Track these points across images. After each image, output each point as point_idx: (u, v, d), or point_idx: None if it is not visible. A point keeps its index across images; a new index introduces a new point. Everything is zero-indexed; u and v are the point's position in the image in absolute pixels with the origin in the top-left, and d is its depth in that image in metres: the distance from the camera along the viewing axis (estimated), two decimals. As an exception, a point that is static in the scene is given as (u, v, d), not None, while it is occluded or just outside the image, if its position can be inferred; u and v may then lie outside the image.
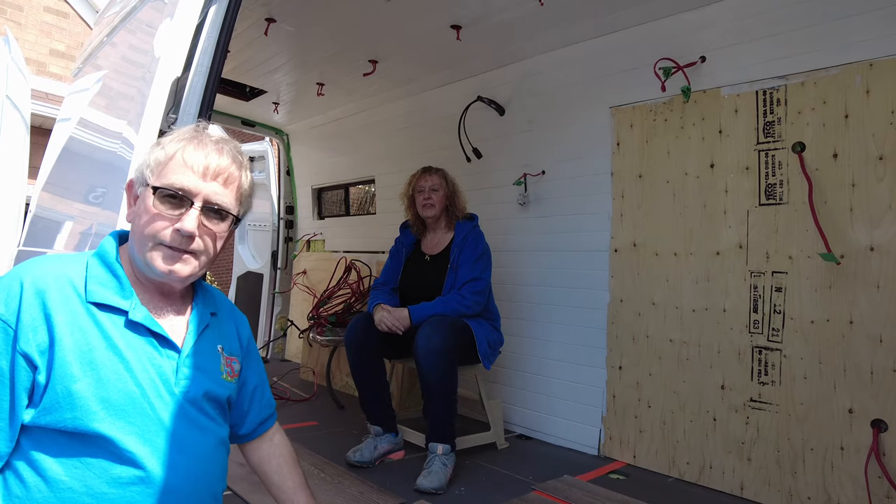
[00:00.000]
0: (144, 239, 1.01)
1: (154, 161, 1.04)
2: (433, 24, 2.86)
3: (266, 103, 4.36)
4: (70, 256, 1.05)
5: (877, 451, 1.93)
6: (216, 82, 1.44)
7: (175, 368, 1.03)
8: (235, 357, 1.17)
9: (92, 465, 0.92)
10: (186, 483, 1.00)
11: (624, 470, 2.56)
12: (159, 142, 1.08)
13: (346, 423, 3.09)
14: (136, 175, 1.06)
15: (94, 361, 0.94)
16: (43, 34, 6.62)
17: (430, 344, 2.33)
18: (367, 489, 2.20)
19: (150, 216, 1.00)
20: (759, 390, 2.26)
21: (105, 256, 1.03)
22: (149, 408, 0.97)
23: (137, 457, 0.94)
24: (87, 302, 0.97)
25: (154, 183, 1.01)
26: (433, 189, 2.75)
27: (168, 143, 1.06)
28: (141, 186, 1.05)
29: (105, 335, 0.96)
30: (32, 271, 0.96)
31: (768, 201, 2.27)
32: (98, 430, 0.91)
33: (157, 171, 1.03)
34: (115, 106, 1.98)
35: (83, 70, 2.76)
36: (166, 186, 1.00)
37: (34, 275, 0.95)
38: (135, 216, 1.04)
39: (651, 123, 2.67)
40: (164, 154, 1.04)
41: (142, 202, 1.02)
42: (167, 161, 1.03)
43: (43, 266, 0.98)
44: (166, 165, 1.02)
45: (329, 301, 3.98)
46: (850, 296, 2.05)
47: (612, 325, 2.77)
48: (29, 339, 0.90)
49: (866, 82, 2.03)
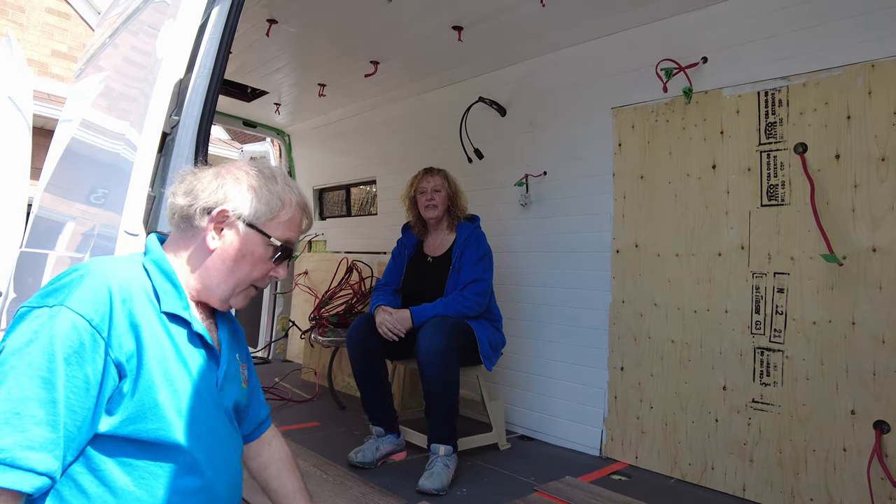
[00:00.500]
0: (245, 281, 1.07)
1: (273, 210, 1.06)
2: (435, 25, 2.86)
3: (267, 104, 4.36)
4: (125, 259, 1.03)
5: (879, 453, 1.93)
6: (219, 83, 1.44)
7: (218, 380, 1.06)
8: (245, 363, 1.20)
9: (160, 474, 0.92)
10: (228, 491, 1.04)
11: (626, 471, 2.56)
12: (269, 187, 1.07)
13: (348, 424, 3.09)
14: (238, 212, 1.04)
15: (170, 372, 0.94)
16: (45, 35, 6.63)
17: (432, 345, 2.33)
18: (368, 490, 2.20)
19: (261, 263, 1.07)
20: (761, 391, 2.26)
21: (161, 265, 1.02)
22: (208, 419, 1.00)
23: (201, 466, 0.96)
24: (162, 312, 0.97)
25: (275, 236, 1.06)
26: (435, 190, 2.75)
27: (281, 189, 1.08)
28: (244, 226, 1.04)
29: (175, 346, 0.97)
30: (114, 275, 0.93)
31: (770, 202, 2.27)
32: (176, 440, 0.92)
33: (274, 221, 1.06)
34: (117, 107, 1.98)
35: (85, 71, 2.77)
36: (286, 243, 1.08)
37: (118, 280, 0.92)
38: (234, 255, 1.04)
39: (652, 124, 2.67)
40: (279, 203, 1.07)
41: (249, 245, 1.05)
42: (282, 213, 1.07)
43: (118, 270, 0.95)
44: (282, 219, 1.07)
45: (330, 302, 3.98)
46: (852, 297, 2.04)
47: (613, 325, 2.77)
48: (122, 346, 0.89)
49: (868, 83, 2.02)
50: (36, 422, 0.79)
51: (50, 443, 0.80)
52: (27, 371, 0.81)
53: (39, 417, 0.80)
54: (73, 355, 0.83)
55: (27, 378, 0.80)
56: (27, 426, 0.79)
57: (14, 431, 0.78)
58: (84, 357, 0.84)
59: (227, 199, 1.04)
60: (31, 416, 0.79)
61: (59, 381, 0.82)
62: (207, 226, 1.04)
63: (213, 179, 1.06)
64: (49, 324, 0.84)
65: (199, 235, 1.05)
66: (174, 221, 1.06)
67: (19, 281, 2.63)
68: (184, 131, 1.37)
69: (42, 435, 0.80)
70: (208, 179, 1.06)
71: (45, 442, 0.80)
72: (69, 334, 0.84)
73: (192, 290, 1.06)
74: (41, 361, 0.82)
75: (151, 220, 1.33)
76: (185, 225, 1.05)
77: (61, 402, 0.82)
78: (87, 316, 0.86)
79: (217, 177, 1.06)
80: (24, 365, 0.81)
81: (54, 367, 0.82)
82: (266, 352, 4.98)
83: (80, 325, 0.85)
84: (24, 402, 0.79)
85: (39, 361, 0.82)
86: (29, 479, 0.79)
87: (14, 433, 0.78)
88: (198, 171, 1.09)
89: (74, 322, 0.85)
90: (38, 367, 0.81)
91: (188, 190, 1.05)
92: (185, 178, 1.08)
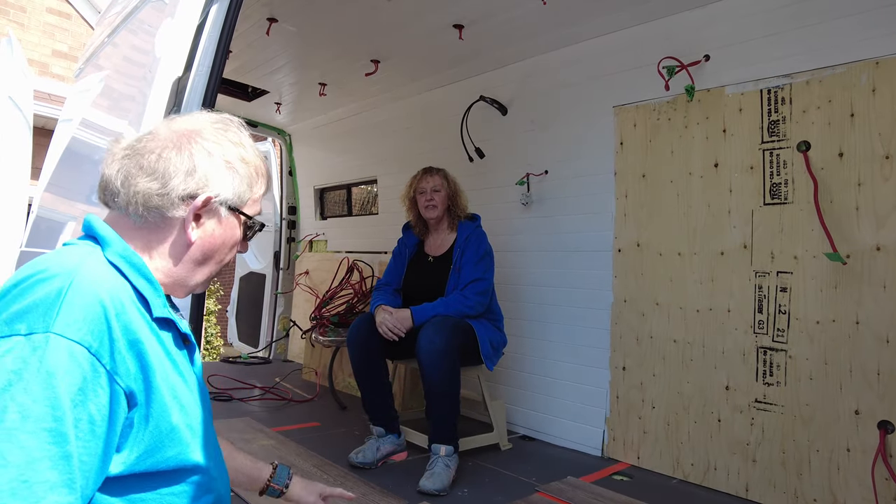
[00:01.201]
0: (217, 267, 0.94)
1: (247, 185, 0.93)
2: (435, 23, 2.85)
3: (268, 104, 4.36)
4: (86, 256, 0.81)
5: (884, 453, 1.91)
6: (217, 82, 1.43)
7: (198, 376, 0.94)
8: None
9: (173, 500, 0.80)
10: (226, 489, 0.96)
11: (628, 471, 2.55)
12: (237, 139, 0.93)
13: (349, 424, 3.08)
14: (223, 197, 0.90)
15: (173, 386, 0.81)
16: (46, 35, 6.63)
17: (433, 345, 2.32)
18: (369, 490, 2.19)
19: (235, 245, 0.96)
20: (764, 391, 2.24)
21: (132, 260, 0.84)
22: (207, 425, 0.88)
23: (214, 479, 0.87)
24: (153, 318, 0.83)
25: (251, 214, 0.95)
26: (435, 190, 2.74)
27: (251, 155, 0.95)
28: (226, 209, 0.91)
29: (168, 354, 0.83)
30: (100, 284, 0.75)
31: (773, 201, 2.26)
32: (195, 461, 0.81)
33: (252, 199, 0.95)
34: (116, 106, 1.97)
35: (85, 70, 2.76)
36: (258, 221, 0.97)
37: (106, 290, 0.75)
38: (216, 243, 0.92)
39: (654, 123, 2.65)
40: (255, 176, 0.94)
41: (230, 230, 0.93)
42: (256, 187, 0.95)
43: (98, 275, 0.77)
44: (258, 194, 0.96)
45: (331, 301, 3.97)
46: (856, 296, 2.03)
47: (615, 325, 2.76)
48: (128, 371, 0.74)
49: (872, 81, 2.01)
50: (50, 487, 0.63)
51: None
52: (24, 425, 0.63)
53: (53, 480, 0.64)
54: (77, 394, 0.67)
55: (27, 434, 0.63)
56: (41, 495, 0.63)
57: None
58: (86, 394, 0.68)
59: (207, 182, 0.88)
60: (43, 481, 0.63)
61: (70, 430, 0.66)
62: (188, 216, 0.87)
63: (179, 154, 0.87)
64: (35, 358, 0.66)
65: (173, 226, 0.88)
66: (133, 209, 0.85)
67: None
68: (182, 130, 1.36)
69: (59, 501, 0.64)
70: (173, 154, 0.86)
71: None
72: (70, 369, 0.67)
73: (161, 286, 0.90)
74: (42, 410, 0.64)
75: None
76: (153, 215, 0.86)
77: (75, 455, 0.66)
78: (84, 342, 0.69)
79: (180, 149, 0.87)
80: (17, 417, 0.63)
81: (61, 415, 0.65)
82: (267, 352, 4.98)
83: (80, 354, 0.68)
84: (32, 466, 0.62)
85: (40, 410, 0.64)
86: None
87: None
88: (143, 140, 0.89)
89: (72, 352, 0.68)
90: (38, 417, 0.64)
91: (151, 170, 0.85)
92: (138, 153, 0.86)
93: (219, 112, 0.98)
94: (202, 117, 0.95)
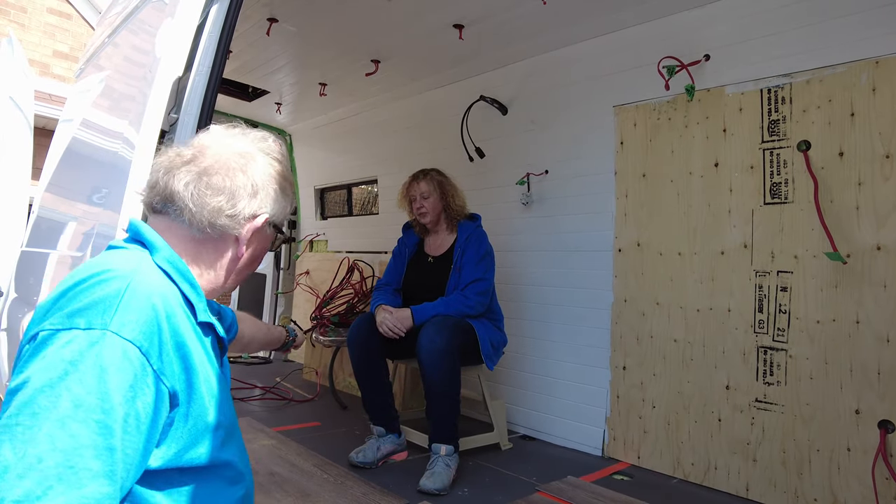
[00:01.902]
0: (248, 271, 1.03)
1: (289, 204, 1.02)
2: (435, 23, 2.85)
3: (268, 104, 4.36)
4: (140, 261, 0.86)
5: (884, 453, 1.91)
6: (217, 82, 1.43)
7: (228, 378, 1.02)
8: None
9: (208, 495, 0.85)
10: (252, 485, 1.00)
11: (628, 471, 2.55)
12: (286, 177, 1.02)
13: (349, 424, 3.08)
14: (274, 214, 0.99)
15: (212, 388, 0.86)
16: (46, 35, 6.63)
17: (433, 344, 2.32)
18: (369, 490, 2.19)
19: (264, 254, 1.05)
20: (764, 391, 2.24)
21: (178, 266, 0.89)
22: (235, 422, 0.95)
23: (243, 472, 0.93)
24: (198, 322, 0.88)
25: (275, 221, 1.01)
26: (423, 196, 2.72)
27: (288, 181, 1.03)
28: (270, 227, 1.00)
29: (208, 356, 0.88)
30: (154, 289, 0.80)
31: (773, 200, 2.26)
32: (226, 458, 0.86)
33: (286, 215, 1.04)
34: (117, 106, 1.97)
35: (85, 71, 2.77)
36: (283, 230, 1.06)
37: (159, 294, 0.80)
38: (255, 253, 1.01)
39: (655, 122, 2.65)
40: (291, 193, 1.04)
41: (264, 241, 1.02)
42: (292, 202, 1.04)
43: (152, 280, 0.82)
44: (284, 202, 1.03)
45: (332, 301, 3.97)
46: (856, 295, 2.03)
47: (615, 325, 2.76)
48: (173, 372, 0.78)
49: (872, 80, 2.01)
50: (92, 475, 0.66)
51: (107, 498, 0.67)
52: (76, 413, 0.66)
53: (96, 470, 0.66)
54: (127, 391, 0.71)
55: (77, 422, 0.66)
56: (83, 481, 0.65)
57: (69, 489, 0.64)
58: (135, 391, 0.72)
59: (266, 202, 0.97)
60: (87, 468, 0.66)
61: (117, 424, 0.69)
62: (246, 235, 0.95)
63: (244, 176, 0.94)
64: (92, 353, 0.70)
65: (229, 240, 0.96)
66: (197, 223, 0.91)
67: (20, 281, 2.63)
68: (183, 129, 1.36)
69: (99, 491, 0.66)
70: (239, 176, 0.94)
71: (102, 498, 0.67)
72: (122, 366, 0.71)
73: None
74: (93, 402, 0.67)
75: (149, 219, 1.32)
76: (216, 230, 0.92)
77: (119, 448, 0.69)
78: (136, 342, 0.73)
79: (245, 171, 0.94)
80: (70, 406, 0.66)
81: (110, 408, 0.69)
82: (267, 352, 4.98)
83: (132, 354, 0.72)
84: (78, 453, 0.65)
85: (91, 402, 0.67)
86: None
87: (69, 491, 0.64)
88: (200, 157, 0.94)
89: (125, 350, 0.72)
90: (89, 408, 0.67)
91: (219, 189, 0.91)
92: (205, 173, 0.92)
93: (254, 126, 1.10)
94: (249, 135, 1.02)
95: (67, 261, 1.93)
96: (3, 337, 2.49)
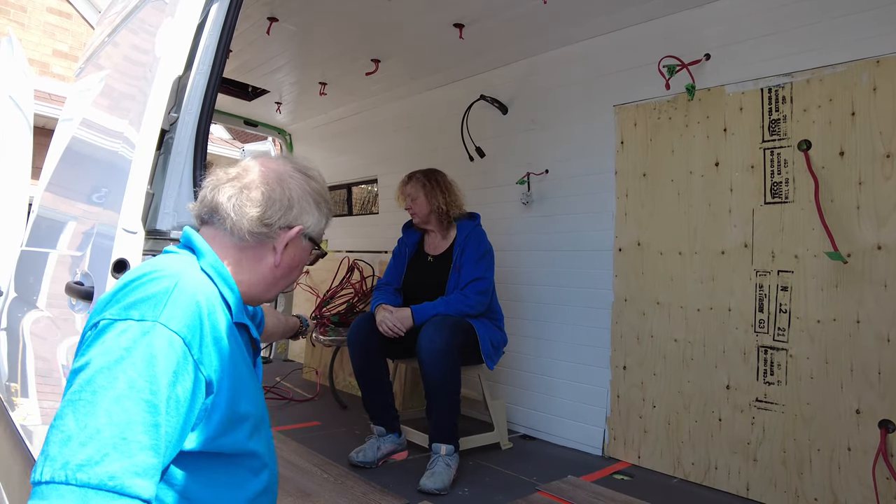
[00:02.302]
0: (286, 281, 1.10)
1: (325, 219, 1.12)
2: (436, 22, 2.85)
3: (268, 103, 4.35)
4: (189, 264, 0.98)
5: (884, 452, 1.91)
6: (218, 81, 1.43)
7: (260, 377, 1.10)
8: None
9: (236, 482, 0.93)
10: (276, 473, 1.07)
11: (628, 471, 2.55)
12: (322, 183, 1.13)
13: (349, 424, 3.08)
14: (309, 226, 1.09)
15: (244, 381, 0.96)
16: (46, 35, 6.63)
17: (433, 344, 2.32)
18: (370, 490, 2.19)
19: (303, 266, 1.12)
20: (764, 390, 2.24)
21: (221, 271, 1.00)
22: (265, 416, 1.03)
23: (269, 463, 1.00)
24: (234, 322, 0.98)
25: (320, 242, 1.13)
26: (412, 198, 2.72)
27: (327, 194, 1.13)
28: (305, 239, 1.10)
29: (243, 353, 0.99)
30: (200, 288, 0.91)
31: (774, 200, 2.25)
32: (252, 448, 0.95)
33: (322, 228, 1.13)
34: (116, 106, 1.97)
35: (85, 70, 2.76)
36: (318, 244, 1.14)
37: (203, 293, 0.91)
38: (291, 264, 1.09)
39: (655, 122, 2.65)
40: (329, 212, 1.13)
41: (301, 254, 1.10)
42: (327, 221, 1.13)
43: (199, 281, 0.93)
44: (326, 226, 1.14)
45: (332, 301, 3.97)
46: (856, 295, 2.03)
47: (616, 324, 2.76)
48: (211, 363, 0.87)
49: (873, 79, 2.01)
50: (141, 447, 0.76)
51: (153, 468, 0.77)
52: (129, 393, 0.77)
53: (144, 443, 0.76)
54: (171, 376, 0.81)
55: (130, 401, 0.76)
56: (133, 451, 0.75)
57: (122, 457, 0.74)
58: (179, 377, 0.82)
59: (301, 215, 1.07)
60: (137, 441, 0.76)
61: (162, 404, 0.79)
62: (281, 244, 1.05)
63: (279, 187, 1.05)
64: (144, 341, 0.80)
65: (266, 248, 1.05)
66: (238, 232, 1.02)
67: (20, 280, 2.62)
68: (183, 128, 1.35)
69: (146, 461, 0.76)
70: (275, 188, 1.04)
71: (149, 468, 0.76)
72: (168, 354, 0.81)
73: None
74: (143, 384, 0.78)
75: (150, 217, 1.31)
76: (254, 238, 1.03)
77: (163, 425, 0.79)
78: (181, 333, 0.83)
79: (281, 184, 1.05)
80: (125, 386, 0.77)
81: (157, 390, 0.79)
82: (268, 351, 4.94)
83: (177, 344, 0.82)
84: (130, 427, 0.76)
85: (142, 384, 0.78)
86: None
87: (122, 459, 0.74)
88: (242, 175, 1.06)
89: (171, 340, 0.82)
90: (140, 389, 0.78)
91: (259, 201, 1.02)
92: (246, 187, 1.04)
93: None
94: (292, 159, 1.14)
95: (67, 260, 1.93)
96: (3, 336, 2.49)
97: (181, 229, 1.28)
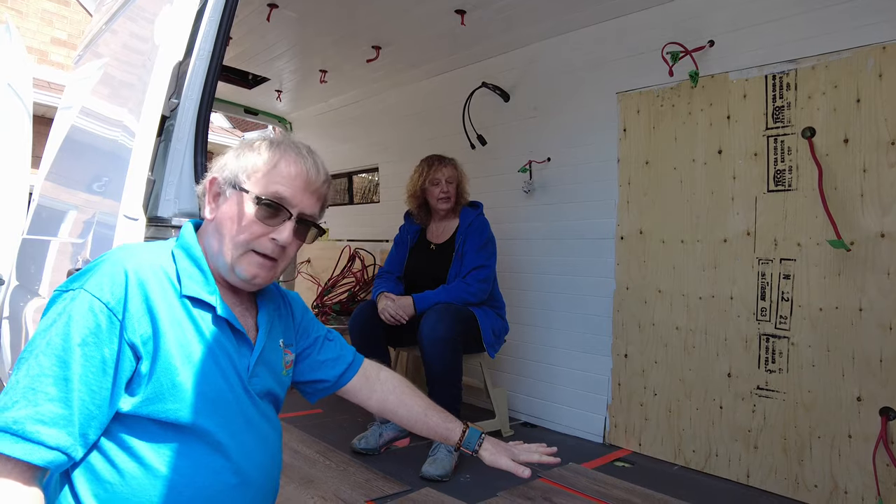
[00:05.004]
0: (237, 244, 1.02)
1: (251, 166, 1.04)
2: (437, 8, 2.82)
3: (269, 91, 4.33)
4: (155, 246, 1.05)
5: (885, 440, 1.92)
6: (218, 68, 1.42)
7: (248, 366, 1.05)
8: (291, 347, 1.21)
9: (186, 454, 0.94)
10: (261, 475, 1.04)
11: (629, 458, 2.56)
12: (252, 144, 1.07)
13: (351, 411, 3.09)
14: (224, 175, 1.06)
15: (191, 355, 0.96)
16: (44, 22, 6.58)
17: (435, 332, 2.32)
18: (372, 476, 2.20)
19: (248, 223, 1.02)
20: (766, 378, 2.24)
21: (190, 250, 1.03)
22: (234, 402, 1.01)
23: (226, 448, 0.98)
24: (182, 296, 0.98)
25: (255, 191, 1.02)
26: (449, 181, 2.72)
27: (263, 148, 1.05)
28: (230, 188, 1.04)
29: (198, 329, 0.98)
30: (132, 260, 0.95)
31: (777, 187, 2.24)
32: (196, 421, 0.94)
33: (253, 176, 1.03)
34: (115, 94, 1.96)
35: (84, 58, 2.74)
36: (270, 197, 1.02)
37: (135, 264, 0.94)
38: (224, 219, 1.04)
39: (658, 109, 2.63)
40: (262, 160, 1.04)
41: (235, 206, 1.03)
42: (266, 169, 1.03)
43: (138, 255, 0.97)
44: (266, 174, 1.03)
45: (333, 290, 3.98)
46: (859, 283, 2.02)
47: (617, 312, 2.76)
48: (135, 328, 0.90)
49: (879, 66, 1.99)
50: (49, 398, 0.83)
51: (62, 419, 0.83)
52: (46, 350, 0.85)
53: (52, 394, 0.83)
54: (89, 335, 0.86)
55: (45, 356, 0.84)
56: (40, 401, 0.82)
57: (28, 405, 0.81)
58: (101, 338, 0.87)
59: (216, 169, 1.08)
60: (45, 392, 0.83)
61: (73, 360, 0.85)
62: (208, 197, 1.07)
63: (220, 160, 1.10)
64: (70, 306, 0.88)
65: (204, 211, 1.09)
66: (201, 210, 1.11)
67: (21, 269, 2.63)
68: (183, 114, 1.34)
69: (53, 411, 0.82)
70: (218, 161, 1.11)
71: (56, 417, 0.82)
72: (85, 315, 0.87)
73: (213, 271, 1.04)
74: (58, 341, 0.85)
75: (151, 203, 1.31)
76: (202, 208, 1.10)
77: (75, 380, 0.84)
78: (103, 298, 0.88)
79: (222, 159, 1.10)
80: (45, 344, 0.85)
81: (68, 346, 0.85)
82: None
83: (97, 307, 0.88)
84: (40, 379, 0.83)
85: (57, 341, 0.85)
86: (39, 451, 0.81)
87: (28, 407, 0.81)
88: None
89: (91, 304, 0.88)
90: (55, 346, 0.85)
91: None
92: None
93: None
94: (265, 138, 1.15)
95: (68, 249, 1.93)
96: (6, 325, 2.50)
97: (182, 216, 1.28)
